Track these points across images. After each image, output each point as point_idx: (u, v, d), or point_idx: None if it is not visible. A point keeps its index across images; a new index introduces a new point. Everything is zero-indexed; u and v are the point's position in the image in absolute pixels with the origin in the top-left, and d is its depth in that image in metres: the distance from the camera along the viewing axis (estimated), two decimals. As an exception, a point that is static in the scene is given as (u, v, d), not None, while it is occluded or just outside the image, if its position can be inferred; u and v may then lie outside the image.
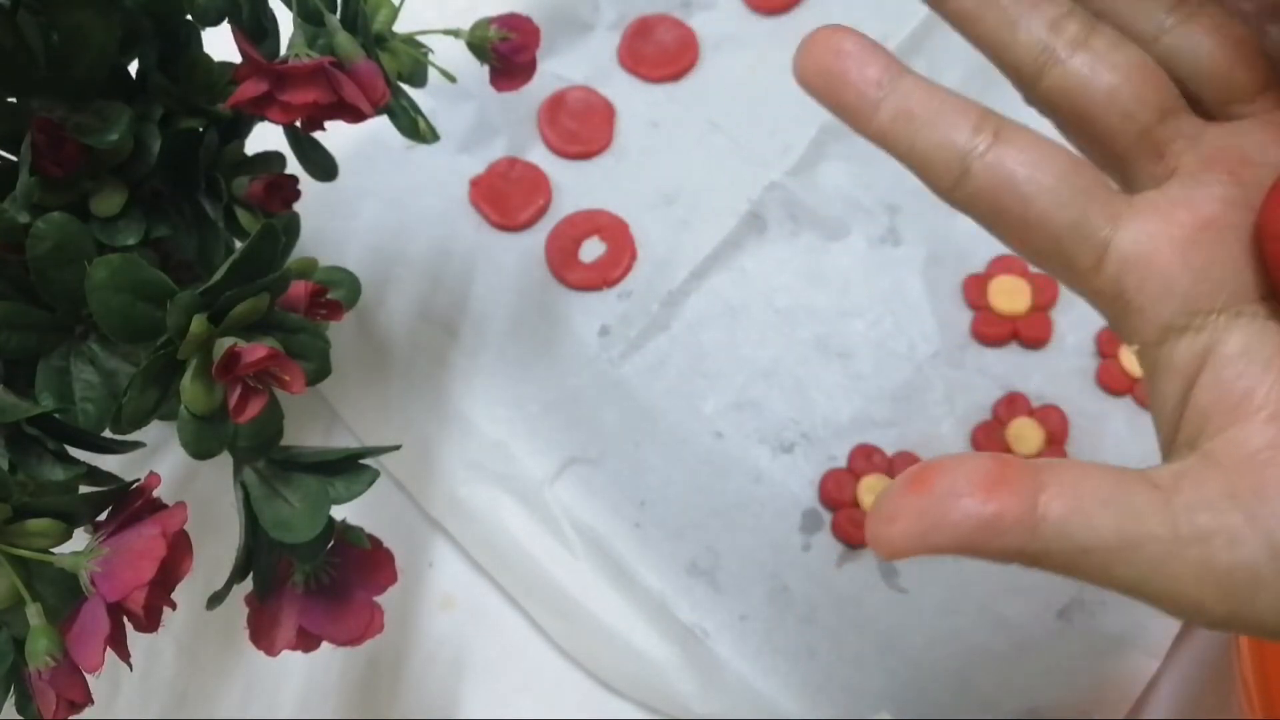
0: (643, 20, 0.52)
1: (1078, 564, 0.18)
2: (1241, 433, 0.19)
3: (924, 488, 0.19)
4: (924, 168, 0.22)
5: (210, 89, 0.34)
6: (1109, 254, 0.21)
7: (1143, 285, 0.21)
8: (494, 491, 0.43)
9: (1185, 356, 0.20)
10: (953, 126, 0.22)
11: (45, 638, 0.24)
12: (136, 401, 0.26)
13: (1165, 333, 0.20)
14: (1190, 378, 0.20)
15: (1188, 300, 0.20)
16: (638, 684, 0.41)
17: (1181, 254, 0.21)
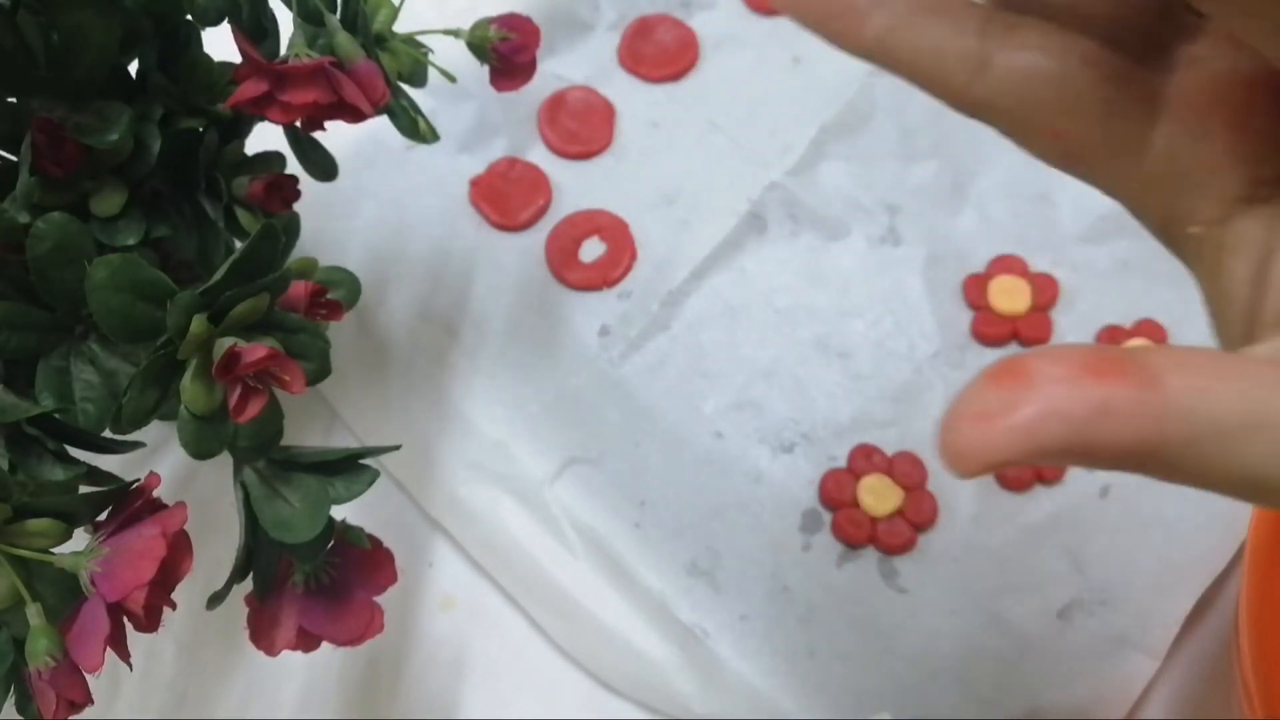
0: (643, 20, 0.52)
1: (1199, 451, 0.16)
2: None
3: (1019, 379, 0.16)
4: (932, 69, 0.20)
5: (210, 89, 0.34)
6: (1157, 130, 0.19)
7: (1200, 156, 0.19)
8: (494, 491, 0.43)
9: (1254, 229, 0.19)
10: (960, 22, 0.20)
11: (45, 638, 0.24)
12: (136, 401, 0.26)
13: (1230, 206, 0.19)
14: (1265, 250, 0.18)
15: (1251, 169, 0.19)
16: (638, 684, 0.41)
17: (1236, 121, 0.19)
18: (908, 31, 0.20)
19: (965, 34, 0.20)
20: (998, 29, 0.20)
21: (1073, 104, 0.20)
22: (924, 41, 0.20)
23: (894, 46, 0.20)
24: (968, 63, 0.20)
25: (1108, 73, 0.20)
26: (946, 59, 0.20)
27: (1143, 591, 0.41)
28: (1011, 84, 0.20)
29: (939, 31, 0.20)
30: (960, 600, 0.41)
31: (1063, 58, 0.20)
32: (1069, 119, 0.20)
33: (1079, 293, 0.46)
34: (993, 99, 0.20)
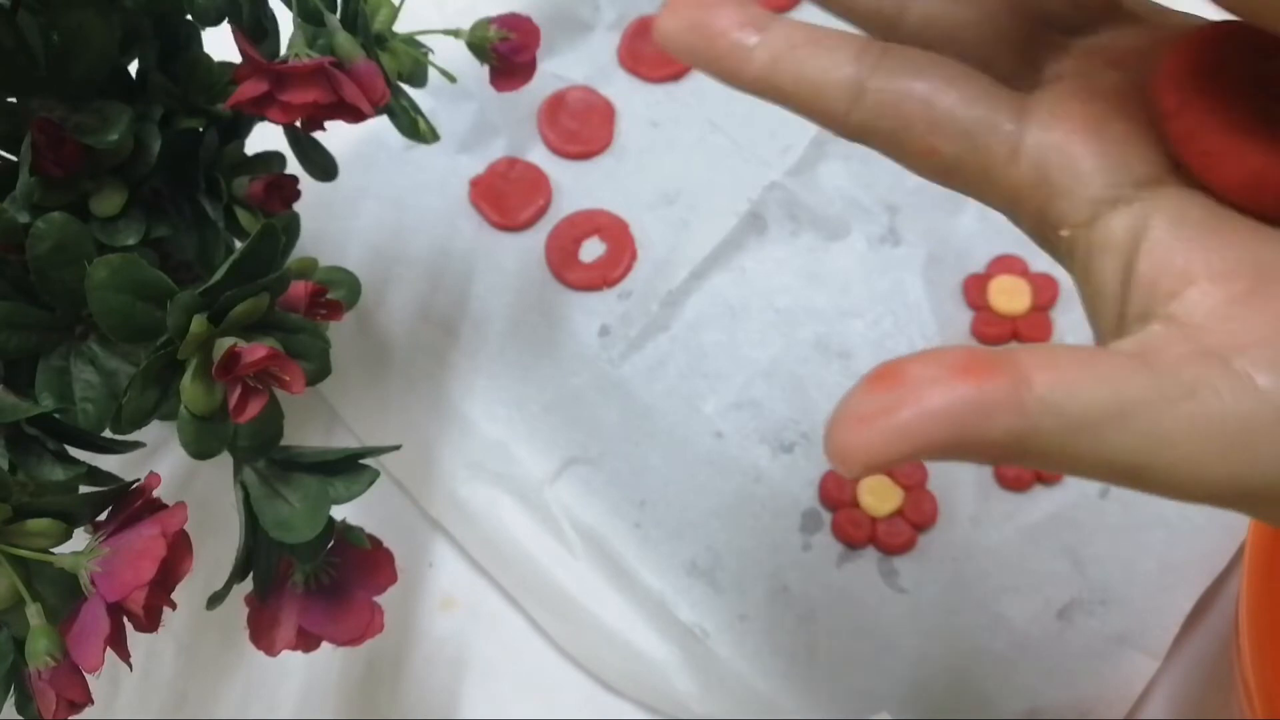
0: (643, 20, 0.52)
1: (1071, 442, 0.17)
2: (1196, 294, 0.19)
3: (894, 381, 0.17)
4: (813, 99, 0.21)
5: (210, 89, 0.34)
6: (1024, 142, 0.21)
7: (1066, 163, 0.20)
8: (494, 491, 0.43)
9: (1120, 230, 0.20)
10: (837, 53, 0.21)
11: (45, 638, 0.24)
12: (136, 401, 0.26)
13: (1097, 208, 0.20)
14: (1129, 250, 0.20)
15: (1113, 173, 0.20)
16: (637, 684, 0.41)
17: (1098, 130, 0.20)
18: (789, 65, 0.21)
19: (842, 64, 0.21)
20: (872, 57, 0.21)
21: (943, 124, 0.21)
22: (804, 74, 0.21)
23: (776, 80, 0.21)
24: (845, 91, 0.21)
25: (975, 92, 0.21)
26: (826, 89, 0.21)
27: (1143, 591, 0.41)
28: (886, 108, 0.21)
29: (817, 64, 0.21)
30: (960, 600, 0.41)
31: (932, 81, 0.21)
32: (940, 138, 0.21)
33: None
34: (870, 124, 0.21)
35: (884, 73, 0.21)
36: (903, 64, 0.21)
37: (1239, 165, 0.19)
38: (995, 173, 0.21)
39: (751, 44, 0.21)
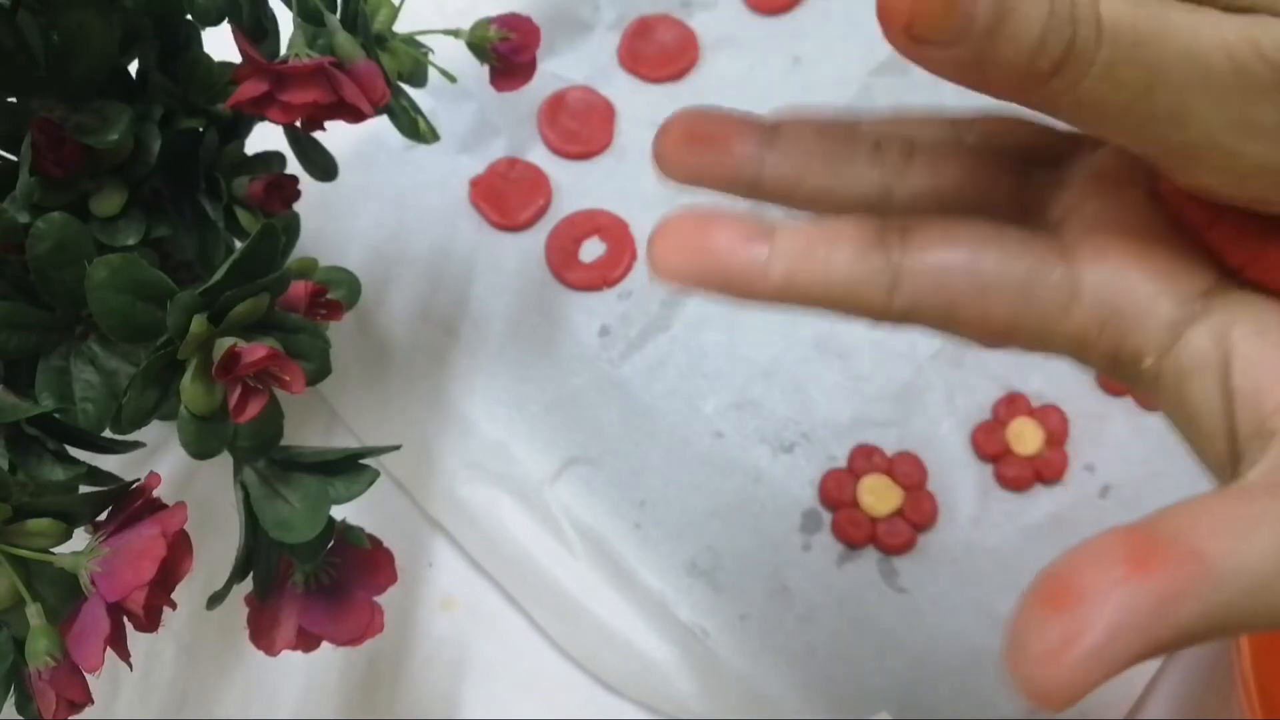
0: (643, 20, 0.52)
1: (1260, 604, 0.16)
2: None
3: (1068, 600, 0.16)
4: (849, 298, 0.20)
5: (210, 89, 0.34)
6: (1081, 284, 0.20)
7: (1130, 295, 0.19)
8: (494, 491, 0.43)
9: (1205, 347, 0.19)
10: (859, 246, 0.20)
11: (45, 638, 0.24)
12: (136, 401, 0.26)
13: (1175, 330, 0.19)
14: (1222, 366, 0.19)
15: (1178, 292, 0.19)
16: (638, 684, 0.41)
17: (1144, 254, 0.20)
18: (812, 269, 0.20)
19: (868, 253, 0.20)
20: (895, 238, 0.20)
21: (993, 288, 0.20)
22: (831, 275, 0.20)
23: (802, 288, 0.20)
24: (880, 280, 0.20)
25: (1013, 247, 0.20)
26: (859, 285, 0.20)
27: (1143, 591, 0.41)
28: (929, 287, 0.20)
29: (842, 259, 0.20)
30: (960, 600, 0.41)
31: (967, 246, 0.20)
32: (993, 303, 0.20)
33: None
34: (915, 306, 0.20)
35: (915, 250, 0.20)
36: (930, 237, 0.20)
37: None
38: (1054, 323, 0.20)
39: (764, 258, 0.20)
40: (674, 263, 0.20)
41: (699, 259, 0.20)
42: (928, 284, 0.20)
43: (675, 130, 0.22)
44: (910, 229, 0.20)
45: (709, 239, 0.20)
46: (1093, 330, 0.20)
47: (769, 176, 0.22)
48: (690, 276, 0.20)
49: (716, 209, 0.21)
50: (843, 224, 0.21)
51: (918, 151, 0.22)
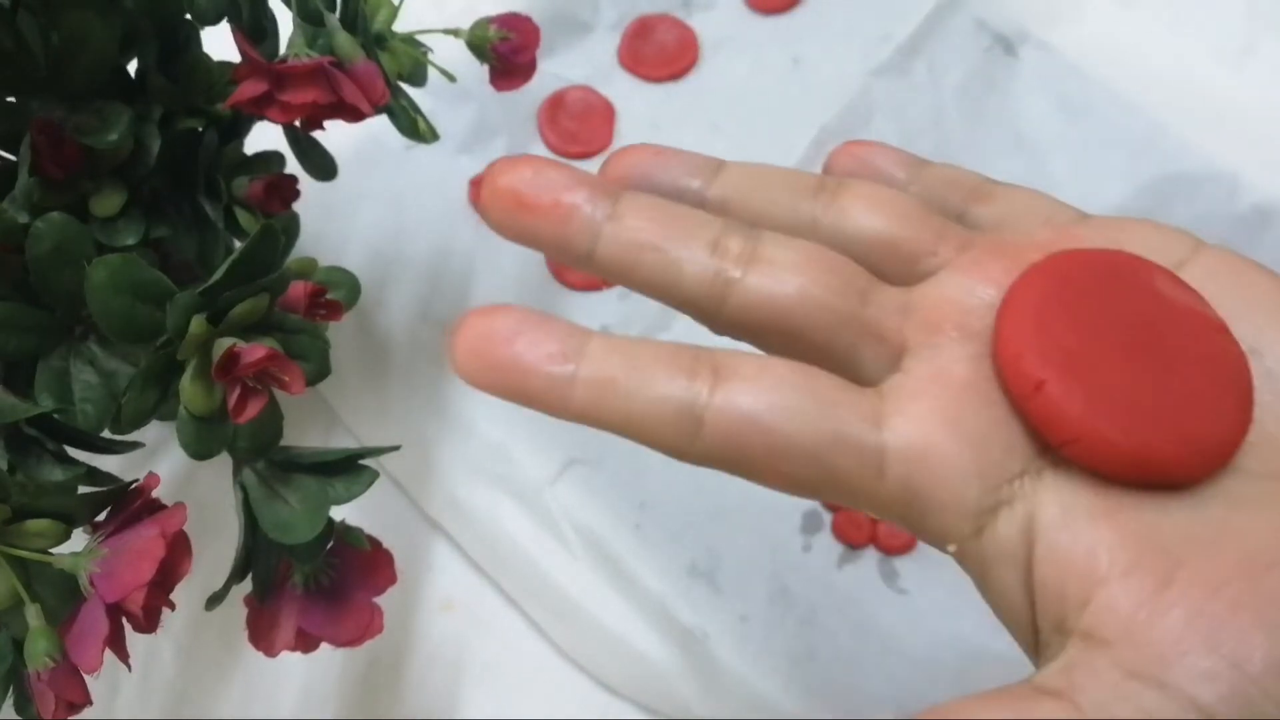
0: (643, 20, 0.52)
1: None
2: (1107, 599, 0.17)
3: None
4: (649, 435, 0.20)
5: (210, 89, 0.34)
6: (887, 457, 0.19)
7: (936, 477, 0.18)
8: (494, 493, 0.43)
9: (1009, 536, 0.18)
10: (665, 379, 0.19)
11: (44, 639, 0.24)
12: (136, 402, 0.26)
13: (979, 519, 0.18)
14: (1025, 558, 0.18)
15: (986, 476, 0.18)
16: (638, 685, 0.41)
17: (958, 430, 0.19)
18: (614, 400, 0.19)
19: (673, 391, 0.19)
20: (705, 377, 0.19)
21: (788, 452, 0.19)
22: (633, 409, 0.20)
23: (605, 415, 0.20)
24: (681, 424, 0.19)
25: (820, 406, 0.19)
26: (660, 425, 0.20)
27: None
28: (728, 442, 0.19)
29: (646, 394, 0.19)
30: (961, 601, 0.41)
31: (769, 398, 0.19)
32: (796, 466, 0.19)
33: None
34: (715, 457, 0.19)
35: (719, 397, 0.19)
36: (738, 383, 0.19)
37: (1110, 450, 0.18)
38: (860, 490, 0.19)
39: (569, 376, 0.19)
40: (472, 369, 0.19)
41: (499, 371, 0.19)
42: (729, 439, 0.19)
43: (501, 187, 0.21)
44: (722, 371, 0.19)
45: (511, 350, 0.19)
46: (898, 504, 0.19)
47: (600, 256, 0.21)
48: (489, 387, 0.19)
49: (525, 312, 0.20)
50: (657, 349, 0.20)
51: (762, 245, 0.21)
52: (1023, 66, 0.50)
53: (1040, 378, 0.18)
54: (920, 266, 0.21)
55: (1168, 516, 0.18)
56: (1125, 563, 0.17)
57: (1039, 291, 0.19)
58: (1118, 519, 0.18)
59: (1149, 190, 0.47)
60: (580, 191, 0.21)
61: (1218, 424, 0.18)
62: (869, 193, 0.22)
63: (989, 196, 0.23)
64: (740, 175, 0.23)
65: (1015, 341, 0.19)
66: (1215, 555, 0.17)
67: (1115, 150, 0.48)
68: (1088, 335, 0.19)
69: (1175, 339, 0.19)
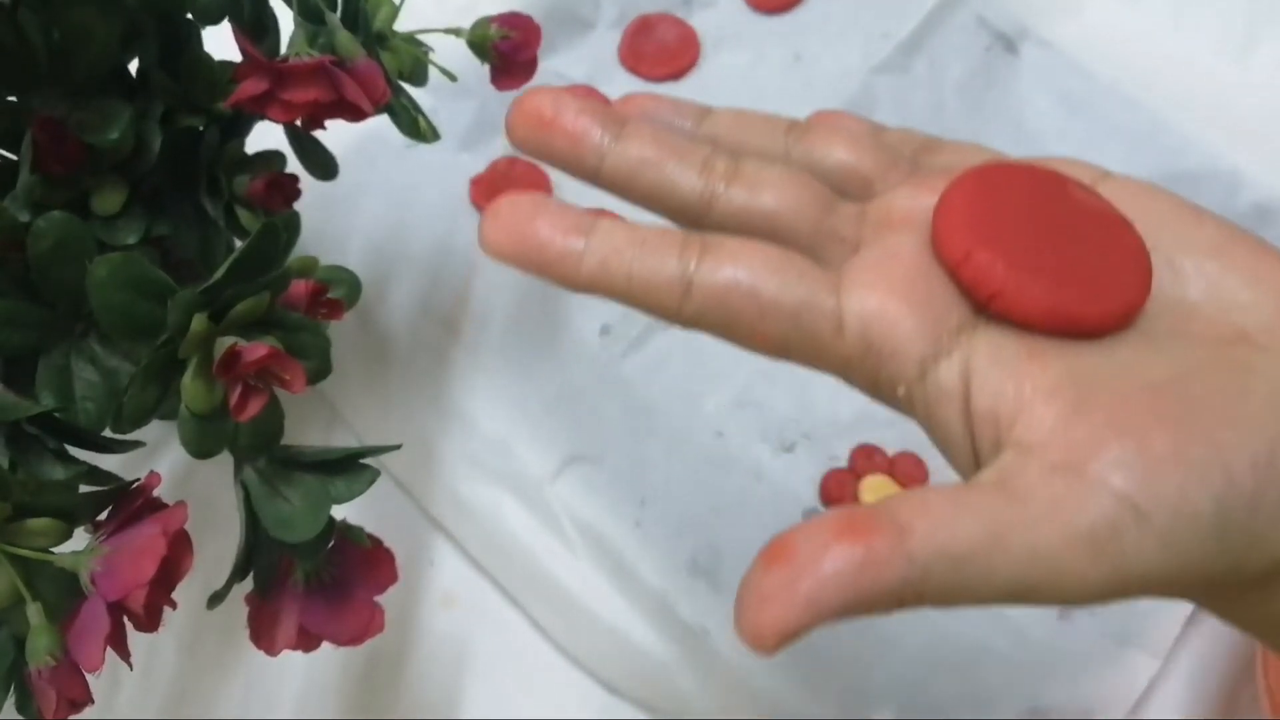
0: (644, 19, 0.52)
1: (961, 577, 0.18)
2: (1032, 415, 0.20)
3: (785, 558, 0.19)
4: (645, 297, 0.22)
5: (211, 87, 0.33)
6: (845, 317, 0.22)
7: (887, 331, 0.22)
8: (495, 490, 0.43)
9: (949, 378, 0.21)
10: (662, 253, 0.22)
11: (45, 637, 0.24)
12: (137, 400, 0.26)
13: (923, 365, 0.21)
14: (963, 392, 0.21)
15: (930, 330, 0.21)
16: (638, 682, 0.41)
17: (907, 293, 0.22)
18: (618, 267, 0.22)
19: (667, 262, 0.22)
20: (694, 251, 0.22)
21: (769, 311, 0.22)
22: (634, 275, 0.22)
23: (609, 282, 0.22)
24: (674, 288, 0.22)
25: (794, 275, 0.22)
26: (656, 288, 0.22)
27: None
28: (713, 301, 0.22)
29: (645, 264, 0.22)
30: (961, 599, 0.41)
31: (753, 270, 0.22)
32: (768, 323, 0.22)
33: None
34: (701, 316, 0.22)
35: (708, 267, 0.22)
36: (723, 257, 0.22)
37: (1029, 302, 0.21)
38: (824, 347, 0.22)
39: (579, 249, 0.22)
40: (499, 242, 0.23)
41: (521, 243, 0.22)
42: (713, 299, 0.22)
43: (527, 109, 0.25)
44: (709, 246, 0.22)
45: (533, 226, 0.23)
46: (856, 358, 0.22)
47: (606, 170, 0.24)
48: (512, 258, 0.23)
49: (545, 198, 0.23)
50: (654, 230, 0.23)
51: (743, 165, 0.24)
52: (1023, 63, 0.50)
53: (968, 248, 0.22)
54: (875, 188, 0.25)
55: (1082, 358, 0.21)
56: (1047, 388, 0.20)
57: (970, 187, 0.23)
58: (1040, 358, 0.21)
59: (1150, 188, 0.47)
60: (594, 116, 0.24)
61: (1122, 288, 0.21)
62: (832, 131, 0.26)
63: (938, 148, 0.27)
64: (725, 117, 0.27)
65: (948, 222, 0.22)
66: (1123, 381, 0.20)
67: (1115, 147, 0.48)
68: (1010, 219, 0.22)
69: (1085, 227, 0.22)
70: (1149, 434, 0.19)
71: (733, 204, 0.24)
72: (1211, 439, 0.19)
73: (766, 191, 0.24)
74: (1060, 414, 0.20)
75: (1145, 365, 0.21)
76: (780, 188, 0.24)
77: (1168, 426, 0.19)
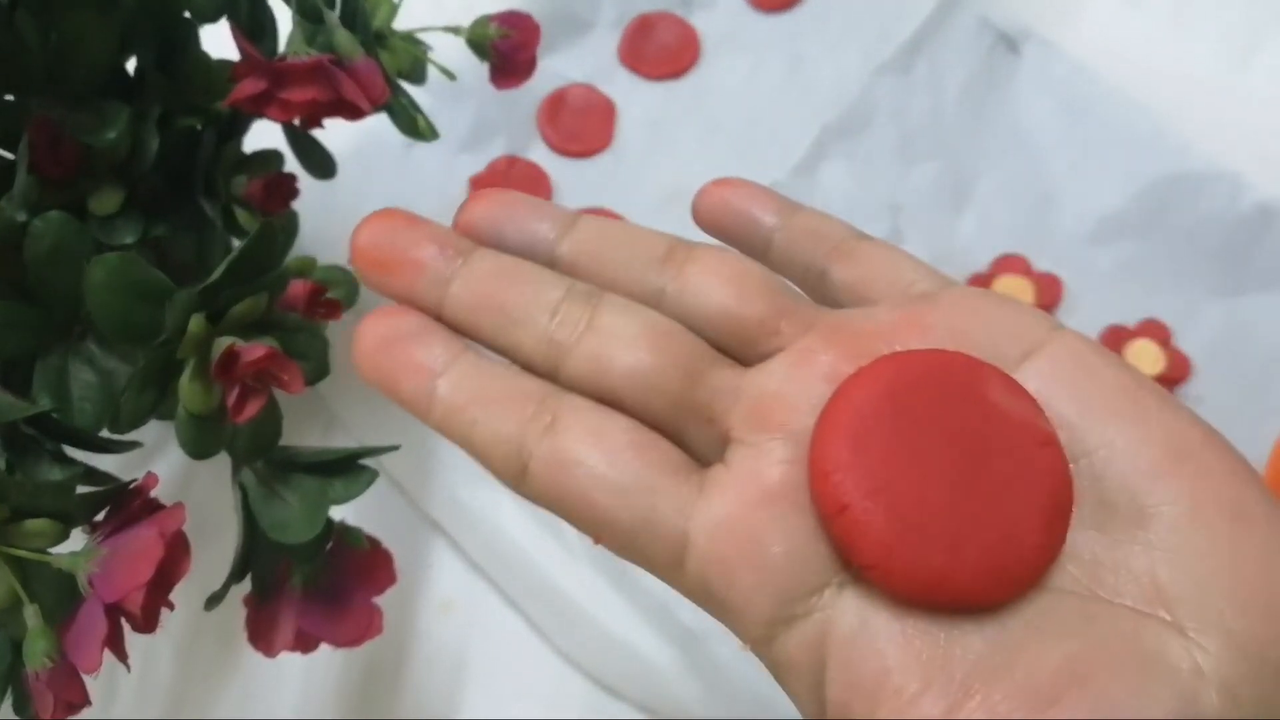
0: (643, 18, 0.51)
1: None
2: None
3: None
4: (485, 463, 0.21)
5: (208, 87, 0.33)
6: (688, 551, 0.19)
7: (730, 582, 0.19)
8: (493, 493, 0.43)
9: (801, 648, 0.18)
10: (507, 414, 0.20)
11: (43, 639, 0.24)
12: (134, 401, 0.26)
13: (771, 628, 0.19)
14: (816, 669, 0.18)
15: (783, 588, 0.18)
16: (638, 686, 0.40)
17: (760, 538, 0.19)
18: (458, 424, 0.21)
19: (509, 426, 0.20)
20: (541, 424, 0.20)
21: (601, 521, 0.20)
22: (472, 436, 0.21)
23: (454, 436, 0.21)
24: (511, 459, 0.20)
25: (642, 476, 0.19)
26: (492, 455, 0.21)
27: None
28: (548, 488, 0.20)
29: (486, 426, 0.21)
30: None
31: (593, 460, 0.19)
32: (604, 533, 0.20)
33: (1082, 293, 0.46)
34: (538, 499, 0.20)
35: (547, 446, 0.20)
36: (570, 437, 0.20)
37: (912, 580, 0.18)
38: (664, 575, 0.20)
39: (428, 394, 0.21)
40: (367, 361, 0.21)
41: (379, 375, 0.21)
42: (548, 492, 0.20)
43: (364, 243, 0.22)
44: (558, 420, 0.20)
45: (390, 357, 0.21)
46: (697, 598, 0.20)
47: (447, 313, 0.22)
48: (372, 379, 0.21)
49: (418, 319, 0.21)
50: (511, 380, 0.21)
51: (600, 313, 0.21)
52: (1025, 65, 0.49)
53: (845, 501, 0.18)
54: (761, 347, 0.21)
55: (964, 641, 0.18)
56: (915, 689, 0.17)
57: (860, 403, 0.19)
58: (913, 643, 0.18)
59: (1151, 190, 0.47)
60: (430, 247, 0.22)
61: (1025, 549, 0.18)
62: (716, 265, 0.22)
63: (850, 256, 0.23)
64: (592, 234, 0.23)
65: (826, 460, 0.19)
66: (1004, 683, 0.17)
67: (1117, 149, 0.47)
68: (904, 453, 0.19)
69: (998, 453, 0.19)
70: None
71: (582, 365, 0.20)
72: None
73: (621, 352, 0.20)
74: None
75: (1037, 655, 0.17)
76: (639, 347, 0.20)
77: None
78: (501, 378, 0.21)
